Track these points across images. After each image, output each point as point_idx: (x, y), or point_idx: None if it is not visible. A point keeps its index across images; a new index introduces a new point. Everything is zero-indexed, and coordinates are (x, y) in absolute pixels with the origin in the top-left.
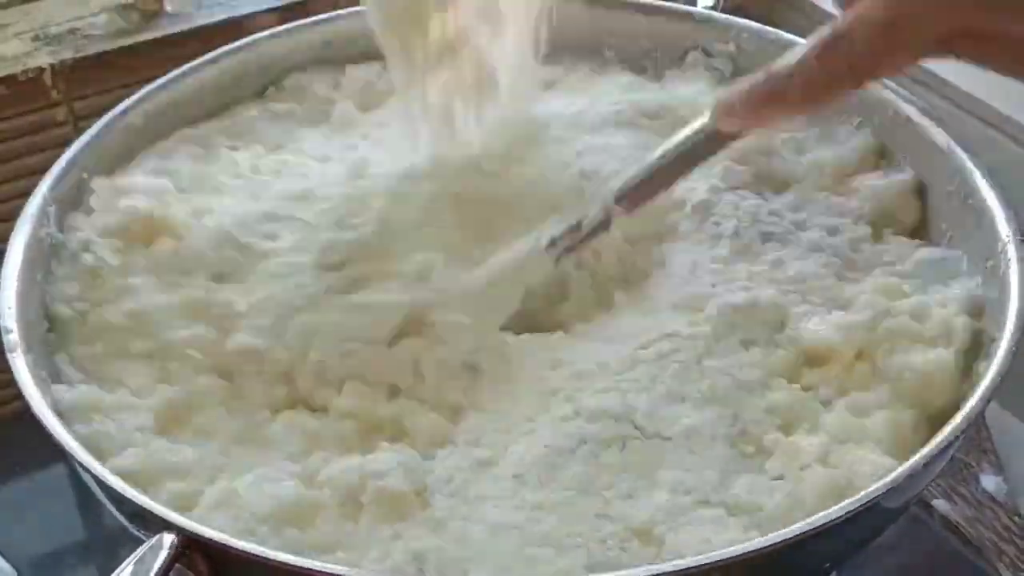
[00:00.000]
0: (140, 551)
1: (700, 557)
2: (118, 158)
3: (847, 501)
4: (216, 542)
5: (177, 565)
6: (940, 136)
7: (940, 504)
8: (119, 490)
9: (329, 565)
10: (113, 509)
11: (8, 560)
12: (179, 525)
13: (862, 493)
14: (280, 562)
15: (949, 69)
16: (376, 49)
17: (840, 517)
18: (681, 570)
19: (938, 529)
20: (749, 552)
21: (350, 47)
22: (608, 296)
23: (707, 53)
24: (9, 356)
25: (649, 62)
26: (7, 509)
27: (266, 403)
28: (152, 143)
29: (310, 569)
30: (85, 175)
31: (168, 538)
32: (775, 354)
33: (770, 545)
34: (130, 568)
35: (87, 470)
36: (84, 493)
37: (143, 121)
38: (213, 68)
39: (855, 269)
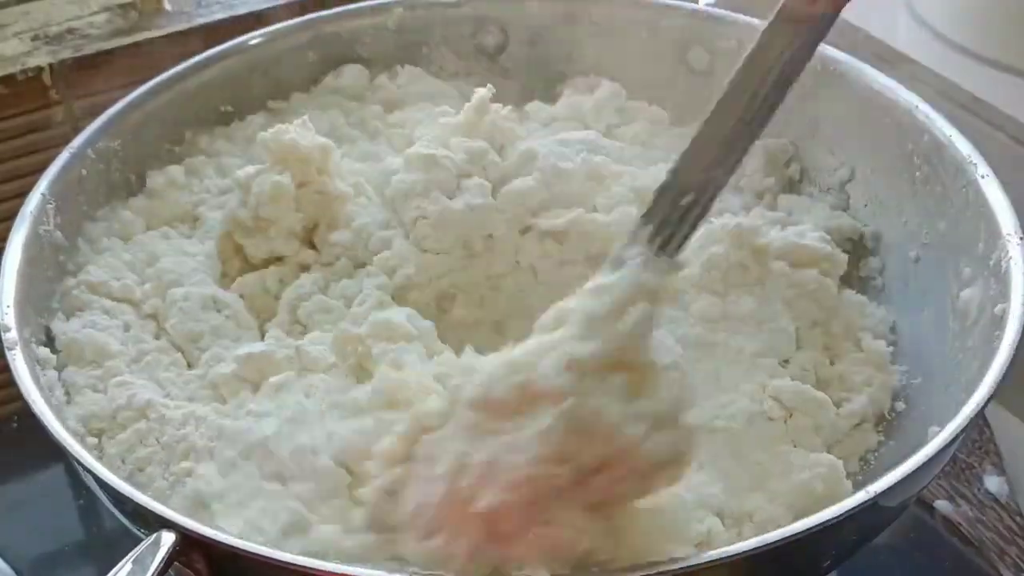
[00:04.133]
0: (138, 549)
1: (699, 556)
2: (118, 157)
3: (846, 501)
4: (215, 540)
5: (175, 563)
6: (941, 132)
7: (942, 505)
8: (119, 489)
9: (327, 564)
10: (113, 508)
11: (8, 561)
12: (178, 523)
13: (861, 493)
14: (278, 560)
15: (950, 69)
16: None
17: (839, 517)
18: (681, 569)
19: (940, 530)
20: (749, 551)
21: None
22: None
23: (709, 50)
24: (8, 355)
25: None
26: (7, 509)
27: None
28: (151, 141)
29: (308, 567)
30: (84, 171)
31: (167, 536)
32: None
33: (769, 544)
34: (128, 566)
35: (87, 470)
36: (84, 493)
37: (143, 120)
38: (213, 67)
39: None
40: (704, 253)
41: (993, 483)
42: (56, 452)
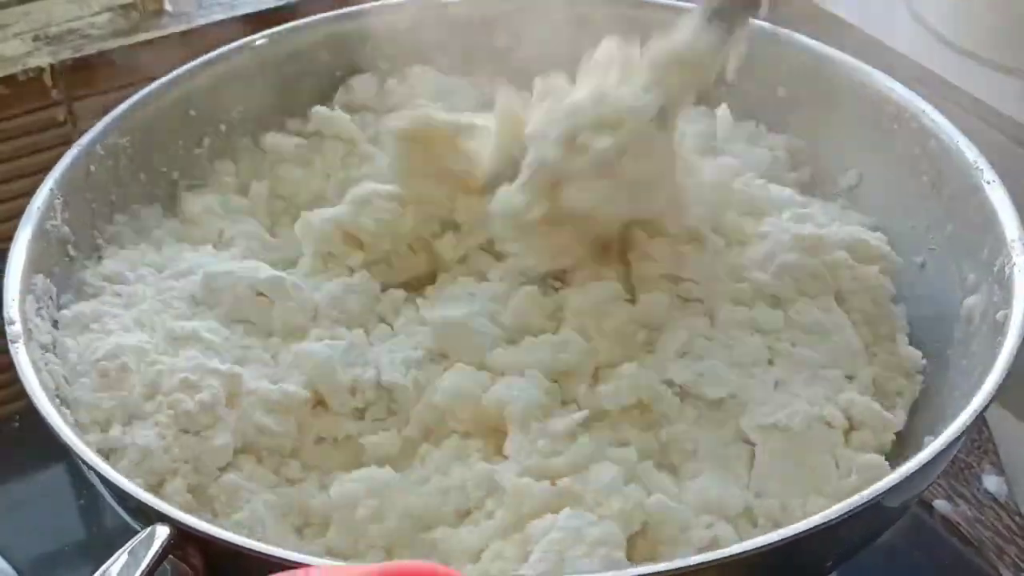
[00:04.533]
0: (133, 542)
1: (701, 556)
2: (126, 154)
3: (848, 501)
4: (209, 536)
5: (170, 556)
6: (948, 138)
7: (941, 504)
8: (120, 485)
9: (321, 560)
10: (116, 505)
11: (8, 560)
12: (173, 518)
13: (863, 493)
14: (272, 555)
15: (950, 70)
16: None
17: (841, 517)
18: (681, 569)
19: (939, 530)
20: (750, 551)
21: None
22: None
23: None
24: (11, 347)
25: None
26: (7, 509)
27: None
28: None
29: (302, 563)
30: (93, 168)
31: (162, 530)
32: None
33: (771, 544)
34: (123, 559)
35: (89, 466)
36: (84, 493)
37: (153, 117)
38: (222, 64)
39: None
40: (774, 261)
41: (992, 482)
42: (57, 452)
